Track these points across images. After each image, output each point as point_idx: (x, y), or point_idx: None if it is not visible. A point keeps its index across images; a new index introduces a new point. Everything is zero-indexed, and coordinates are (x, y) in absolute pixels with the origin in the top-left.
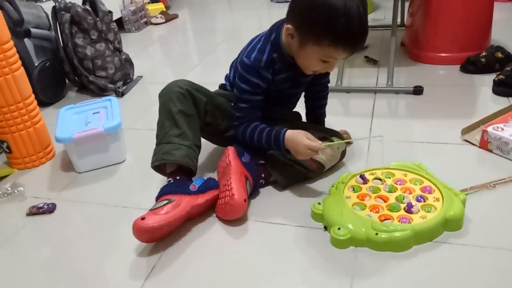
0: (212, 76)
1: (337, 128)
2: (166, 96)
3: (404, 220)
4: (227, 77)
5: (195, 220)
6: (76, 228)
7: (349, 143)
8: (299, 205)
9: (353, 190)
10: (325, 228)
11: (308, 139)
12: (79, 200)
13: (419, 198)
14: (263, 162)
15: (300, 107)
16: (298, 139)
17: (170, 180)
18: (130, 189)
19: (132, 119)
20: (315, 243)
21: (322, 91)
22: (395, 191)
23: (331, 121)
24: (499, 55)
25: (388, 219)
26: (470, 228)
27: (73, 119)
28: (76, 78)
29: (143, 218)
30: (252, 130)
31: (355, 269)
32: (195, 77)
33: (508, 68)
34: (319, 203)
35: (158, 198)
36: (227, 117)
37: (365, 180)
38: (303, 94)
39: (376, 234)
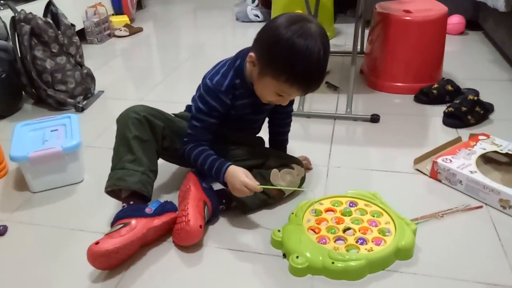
0: (175, 93)
1: (297, 153)
2: (123, 122)
3: (361, 240)
4: (193, 99)
5: (151, 244)
6: (29, 252)
7: (283, 192)
8: (259, 232)
9: (314, 213)
10: (284, 255)
11: (246, 177)
12: (32, 222)
13: (373, 223)
14: (225, 188)
15: (264, 132)
16: (237, 175)
17: (124, 206)
18: (87, 211)
19: (92, 136)
20: (273, 270)
21: (285, 118)
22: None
23: (292, 145)
24: (449, 88)
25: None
26: (420, 257)
27: (30, 136)
28: (34, 91)
29: (97, 243)
30: (198, 154)
31: None
32: (158, 94)
33: (457, 101)
34: (278, 230)
35: (113, 223)
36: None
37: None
38: (267, 119)
39: (333, 263)
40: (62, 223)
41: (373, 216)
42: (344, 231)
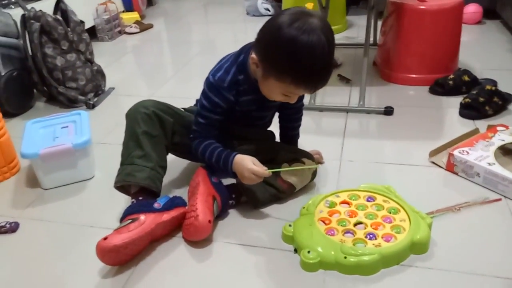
0: (186, 89)
1: (309, 147)
2: (132, 116)
3: (370, 235)
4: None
5: (161, 240)
6: (40, 248)
7: (295, 170)
8: (270, 226)
9: (329, 204)
10: (295, 250)
11: (254, 165)
12: (44, 218)
13: (388, 219)
14: (235, 182)
15: (275, 125)
16: (244, 163)
17: (133, 201)
18: (98, 207)
19: (103, 133)
20: (284, 266)
21: (295, 113)
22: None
23: (304, 139)
24: (466, 78)
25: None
26: (436, 251)
27: (40, 133)
28: (45, 88)
29: (105, 238)
30: (205, 147)
31: None
32: (169, 89)
33: (474, 92)
34: (290, 225)
35: (122, 219)
36: None
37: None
38: (277, 114)
39: (345, 257)
40: (73, 220)
41: (389, 213)
42: (356, 225)
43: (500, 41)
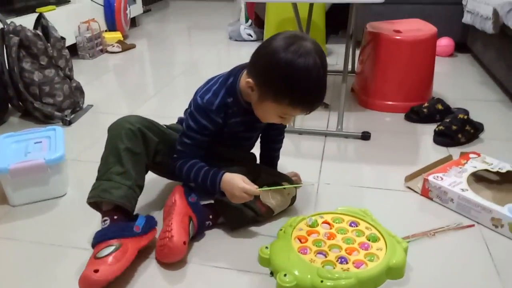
0: (167, 108)
1: (288, 169)
2: (115, 131)
3: (342, 259)
4: (186, 112)
5: (133, 261)
6: (7, 268)
7: (278, 190)
8: (246, 249)
9: (311, 223)
10: (271, 273)
11: (244, 183)
12: (12, 237)
13: (364, 245)
14: (212, 202)
15: (255, 147)
16: (234, 182)
17: (106, 220)
18: (69, 226)
19: (78, 150)
20: None
21: (278, 135)
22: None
23: (283, 161)
24: (440, 107)
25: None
26: (411, 276)
27: (12, 148)
28: (20, 103)
29: (96, 271)
30: (190, 167)
31: None
32: (149, 109)
33: (447, 120)
34: (266, 247)
35: (100, 241)
36: None
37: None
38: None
39: (322, 281)
40: (42, 238)
41: (369, 240)
42: (331, 248)
43: (471, 73)
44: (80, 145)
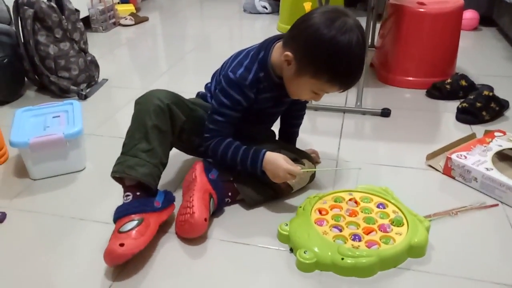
0: (180, 84)
1: (306, 146)
2: (144, 106)
3: (355, 237)
4: (207, 88)
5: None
6: (27, 240)
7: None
8: (266, 225)
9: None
10: (291, 250)
11: (287, 164)
12: (32, 209)
13: (384, 227)
14: (231, 179)
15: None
16: (279, 162)
17: (128, 195)
18: (88, 200)
19: (95, 124)
20: (280, 265)
21: (300, 110)
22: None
23: (301, 138)
24: (463, 83)
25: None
26: (433, 255)
27: (31, 122)
28: (36, 77)
29: (121, 245)
30: (226, 146)
31: None
32: (163, 84)
33: (472, 97)
34: (286, 224)
35: (122, 216)
36: (202, 133)
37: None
38: None
39: (342, 259)
40: (62, 212)
41: (392, 223)
42: (348, 224)
43: (496, 48)
44: (96, 119)
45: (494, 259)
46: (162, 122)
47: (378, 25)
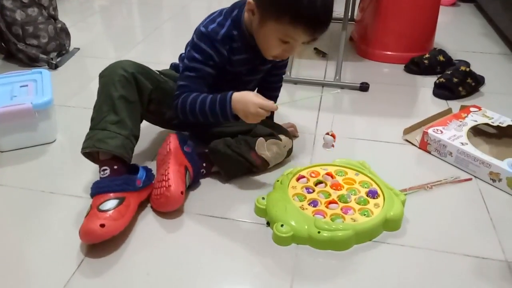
0: (156, 54)
1: (284, 120)
2: (108, 78)
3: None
4: (181, 58)
5: None
6: None
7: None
8: (242, 199)
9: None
10: (268, 224)
11: (258, 98)
12: (1, 182)
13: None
14: (206, 151)
15: None
16: (247, 97)
17: (105, 169)
18: (59, 173)
19: (66, 95)
20: (256, 239)
21: (277, 82)
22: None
23: (279, 111)
24: (441, 58)
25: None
26: (408, 228)
27: None
28: (3, 44)
29: (102, 225)
30: (194, 98)
31: (296, 267)
32: (137, 54)
33: (449, 72)
34: (263, 198)
35: (102, 192)
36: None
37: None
38: None
39: (319, 232)
40: (32, 185)
41: (367, 195)
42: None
43: (474, 24)
44: (68, 90)
45: (466, 232)
46: (129, 93)
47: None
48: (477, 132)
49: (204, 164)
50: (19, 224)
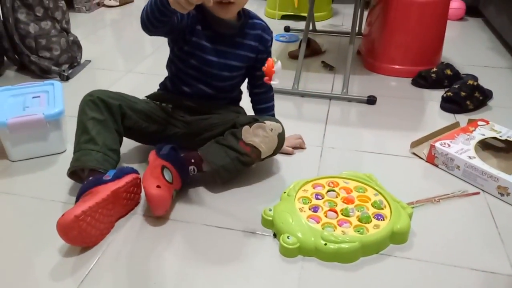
0: (164, 68)
1: (291, 132)
2: (80, 108)
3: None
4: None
5: (126, 219)
6: (6, 223)
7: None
8: (250, 210)
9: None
10: (274, 235)
11: None
12: (11, 191)
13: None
14: (196, 151)
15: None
16: None
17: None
18: (69, 182)
19: (77, 106)
20: (263, 250)
21: (268, 92)
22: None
23: (285, 124)
24: (449, 72)
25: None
26: (415, 241)
27: (9, 102)
28: (16, 56)
29: (63, 215)
30: (145, 5)
31: (302, 279)
32: (147, 67)
33: (456, 86)
34: (270, 209)
35: (77, 199)
36: (153, 121)
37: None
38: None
39: (325, 244)
40: (43, 194)
41: (373, 206)
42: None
43: (481, 38)
44: (78, 101)
45: (474, 246)
46: (97, 113)
47: (365, 13)
48: (485, 146)
49: (192, 160)
50: (29, 233)
